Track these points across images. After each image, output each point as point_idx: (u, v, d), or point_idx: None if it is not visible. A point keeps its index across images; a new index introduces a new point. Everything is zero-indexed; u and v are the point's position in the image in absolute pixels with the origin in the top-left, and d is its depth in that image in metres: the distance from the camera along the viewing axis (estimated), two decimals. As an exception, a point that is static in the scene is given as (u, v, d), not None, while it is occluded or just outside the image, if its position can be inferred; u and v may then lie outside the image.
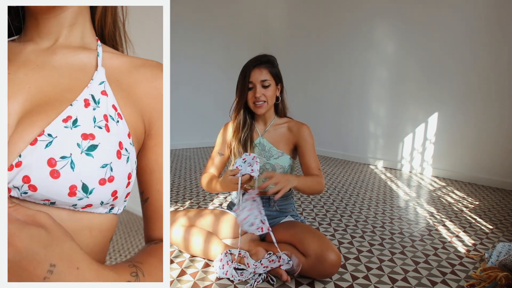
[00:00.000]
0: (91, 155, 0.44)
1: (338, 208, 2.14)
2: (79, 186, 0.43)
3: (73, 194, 0.43)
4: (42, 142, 0.43)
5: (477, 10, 2.92)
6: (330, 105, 4.25)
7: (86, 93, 0.49)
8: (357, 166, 3.67)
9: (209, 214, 1.43)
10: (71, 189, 0.43)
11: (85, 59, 0.54)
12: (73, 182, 0.43)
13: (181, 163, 3.53)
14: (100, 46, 0.56)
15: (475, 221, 1.97)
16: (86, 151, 0.44)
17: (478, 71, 2.95)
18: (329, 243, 1.17)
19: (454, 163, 3.15)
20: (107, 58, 0.56)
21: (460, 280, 1.27)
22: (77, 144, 0.44)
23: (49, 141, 0.43)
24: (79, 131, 0.45)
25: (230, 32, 4.86)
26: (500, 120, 2.84)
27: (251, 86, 1.30)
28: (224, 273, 1.21)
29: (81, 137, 0.44)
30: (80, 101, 0.48)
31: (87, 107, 0.47)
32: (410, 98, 3.46)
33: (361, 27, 3.83)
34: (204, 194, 2.38)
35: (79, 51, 0.54)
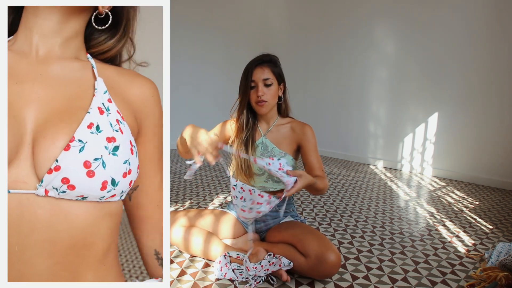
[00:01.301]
0: (116, 154, 0.53)
1: (338, 208, 2.14)
2: (109, 181, 0.53)
3: (104, 188, 0.52)
4: (75, 148, 0.50)
5: (478, 9, 2.92)
6: (330, 105, 4.25)
7: (97, 101, 0.56)
8: (357, 166, 3.67)
9: (209, 214, 1.43)
10: (103, 184, 0.52)
11: (81, 69, 0.60)
12: (105, 178, 0.52)
13: (181, 163, 3.53)
14: (91, 58, 0.63)
15: (475, 221, 1.97)
16: (112, 151, 0.53)
17: (478, 71, 2.95)
18: (329, 243, 1.17)
19: (454, 163, 3.15)
20: (100, 69, 0.62)
21: (460, 280, 1.27)
22: (104, 147, 0.53)
23: (81, 146, 0.51)
24: (103, 136, 0.53)
25: (230, 32, 4.86)
26: (500, 120, 2.84)
27: (253, 85, 1.30)
28: (223, 275, 1.21)
29: (106, 140, 0.53)
30: (95, 109, 0.55)
31: (102, 114, 0.55)
32: (410, 98, 3.46)
33: (361, 27, 3.83)
34: (204, 194, 2.38)
35: (74, 61, 0.60)
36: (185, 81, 4.39)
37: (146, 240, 0.67)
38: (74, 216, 0.52)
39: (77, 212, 0.52)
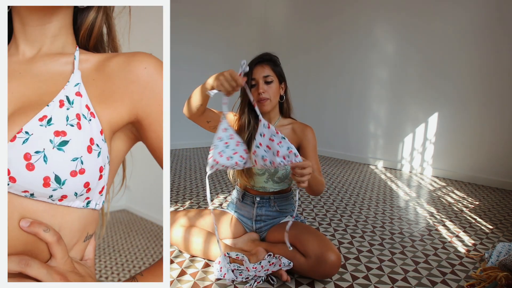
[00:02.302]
0: (62, 149, 0.50)
1: (338, 208, 2.14)
2: (52, 177, 0.49)
3: (47, 185, 0.49)
4: (20, 139, 0.49)
5: (478, 10, 2.92)
6: (330, 105, 4.26)
7: (62, 94, 0.55)
8: (357, 166, 3.67)
9: (209, 215, 1.43)
10: (45, 180, 0.49)
11: (63, 64, 0.59)
12: (46, 173, 0.49)
13: (181, 163, 3.53)
14: (77, 50, 0.62)
15: (475, 221, 1.97)
16: (57, 146, 0.50)
17: (479, 71, 2.95)
18: (329, 243, 1.17)
19: (454, 163, 3.15)
20: (84, 61, 0.61)
21: (460, 280, 1.27)
22: (49, 140, 0.50)
23: (26, 138, 0.49)
24: (52, 129, 0.51)
25: (230, 33, 4.86)
26: (500, 120, 2.84)
27: (254, 83, 1.30)
28: (222, 275, 1.21)
29: (53, 134, 0.50)
30: (56, 102, 0.53)
31: (62, 107, 0.53)
32: (410, 98, 3.46)
33: (362, 27, 3.83)
34: (204, 194, 2.38)
35: (58, 57, 0.60)
36: (185, 81, 4.39)
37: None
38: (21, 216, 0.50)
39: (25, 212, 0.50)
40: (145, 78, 0.57)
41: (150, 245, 2.65)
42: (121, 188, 0.74)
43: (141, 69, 0.57)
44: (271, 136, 1.04)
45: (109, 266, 2.33)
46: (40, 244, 0.51)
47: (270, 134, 1.04)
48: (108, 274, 2.22)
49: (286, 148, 1.01)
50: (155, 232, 2.94)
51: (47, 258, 0.53)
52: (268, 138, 1.04)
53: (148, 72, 0.57)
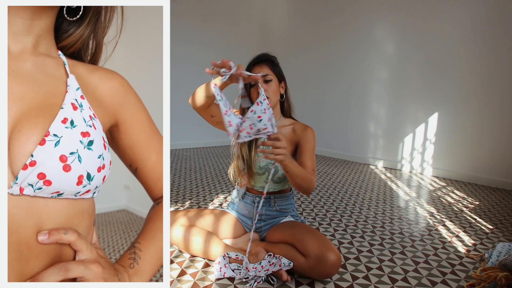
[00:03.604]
0: (91, 148, 0.54)
1: (338, 208, 2.14)
2: (85, 175, 0.52)
3: (80, 183, 0.52)
4: (50, 142, 0.50)
5: (479, 9, 2.92)
6: (330, 105, 4.26)
7: (70, 97, 0.57)
8: (357, 166, 3.67)
9: (209, 214, 1.44)
10: (79, 178, 0.52)
11: (53, 66, 0.60)
12: (81, 172, 0.52)
13: (181, 163, 3.53)
14: (62, 55, 0.64)
15: (475, 221, 1.97)
16: (87, 146, 0.53)
17: (479, 71, 2.95)
18: (329, 243, 1.17)
19: (454, 163, 3.15)
20: (71, 66, 0.63)
21: (460, 280, 1.27)
22: (79, 141, 0.53)
23: (57, 140, 0.50)
24: (78, 130, 0.53)
25: (230, 33, 4.86)
26: (500, 120, 2.84)
27: (252, 83, 1.30)
28: (222, 275, 1.21)
29: (81, 135, 0.53)
30: (68, 105, 0.55)
31: (76, 110, 0.56)
32: (410, 98, 3.46)
33: (362, 27, 3.83)
34: (204, 194, 2.38)
35: (46, 58, 0.60)
36: (185, 81, 4.40)
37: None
38: (47, 216, 0.51)
39: (51, 211, 0.51)
40: (123, 92, 0.67)
41: (150, 245, 2.65)
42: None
43: (118, 88, 0.67)
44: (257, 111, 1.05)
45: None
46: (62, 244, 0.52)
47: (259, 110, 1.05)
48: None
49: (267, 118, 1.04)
50: (155, 232, 2.93)
51: (72, 253, 0.54)
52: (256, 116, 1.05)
53: (125, 89, 0.68)
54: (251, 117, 1.04)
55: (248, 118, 1.04)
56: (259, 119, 1.04)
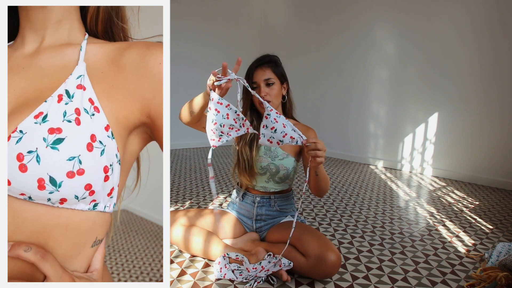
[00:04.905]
0: (57, 148, 0.45)
1: (338, 208, 2.14)
2: (47, 179, 0.45)
3: (42, 188, 0.45)
4: (14, 139, 0.45)
5: (479, 9, 2.92)
6: (331, 105, 4.25)
7: (62, 88, 0.50)
8: (357, 166, 3.67)
9: (209, 214, 1.43)
10: (39, 182, 0.44)
11: (69, 55, 0.55)
12: (40, 175, 0.44)
13: (181, 163, 3.53)
14: (85, 40, 0.56)
15: (475, 221, 1.97)
16: (51, 144, 0.45)
17: (479, 71, 2.95)
18: (329, 243, 1.17)
19: (454, 163, 3.15)
20: (92, 51, 0.55)
21: (460, 280, 1.27)
22: (43, 138, 0.45)
23: (20, 137, 0.45)
24: (46, 126, 0.46)
25: (230, 33, 4.86)
26: (500, 120, 2.84)
27: (255, 86, 1.30)
28: (222, 276, 1.21)
29: (47, 131, 0.46)
30: (54, 97, 0.49)
31: (59, 102, 0.49)
32: (410, 98, 3.46)
33: (362, 27, 3.83)
34: (204, 194, 2.38)
35: (64, 48, 0.55)
36: (186, 81, 4.40)
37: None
38: (21, 220, 0.46)
39: (25, 215, 0.46)
40: (159, 75, 0.52)
41: (150, 245, 2.65)
42: (135, 188, 0.68)
43: (155, 64, 0.52)
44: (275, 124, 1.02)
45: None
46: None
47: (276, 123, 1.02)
48: (108, 274, 2.22)
49: (291, 129, 1.00)
50: (155, 232, 2.94)
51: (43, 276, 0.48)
52: (270, 128, 1.02)
53: (162, 68, 0.53)
54: (265, 133, 1.01)
55: (263, 134, 1.01)
56: (273, 130, 1.00)
